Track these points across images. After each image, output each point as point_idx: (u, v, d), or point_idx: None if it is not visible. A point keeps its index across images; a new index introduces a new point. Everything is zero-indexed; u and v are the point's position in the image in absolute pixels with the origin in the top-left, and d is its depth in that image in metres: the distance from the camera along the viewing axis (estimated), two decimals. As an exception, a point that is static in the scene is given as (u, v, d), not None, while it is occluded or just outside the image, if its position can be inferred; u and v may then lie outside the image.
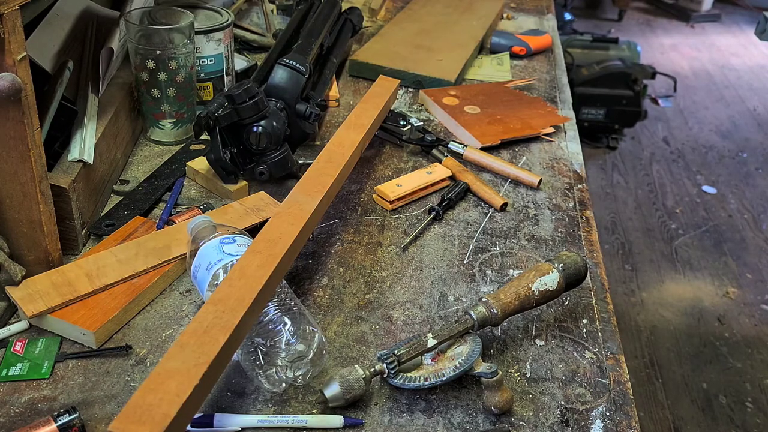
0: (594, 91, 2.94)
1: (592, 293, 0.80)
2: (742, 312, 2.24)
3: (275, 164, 0.89)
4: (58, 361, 0.65)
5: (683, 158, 3.17)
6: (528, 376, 0.68)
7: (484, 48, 1.44)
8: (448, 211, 0.92)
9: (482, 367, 0.63)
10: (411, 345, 0.65)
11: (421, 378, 0.63)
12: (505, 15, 1.66)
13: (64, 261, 0.76)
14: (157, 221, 0.83)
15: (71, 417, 0.57)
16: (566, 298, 0.79)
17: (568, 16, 3.73)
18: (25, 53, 0.63)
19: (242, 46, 1.31)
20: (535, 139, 1.10)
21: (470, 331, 0.68)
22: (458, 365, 0.63)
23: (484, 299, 0.69)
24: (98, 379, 0.64)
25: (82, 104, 0.85)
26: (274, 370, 0.62)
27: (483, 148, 1.04)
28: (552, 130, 1.12)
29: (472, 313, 0.67)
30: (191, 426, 0.60)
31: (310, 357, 0.63)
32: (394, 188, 0.92)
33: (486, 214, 0.92)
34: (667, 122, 3.50)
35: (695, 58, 4.34)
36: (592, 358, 0.71)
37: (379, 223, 0.89)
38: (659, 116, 3.55)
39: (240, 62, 1.19)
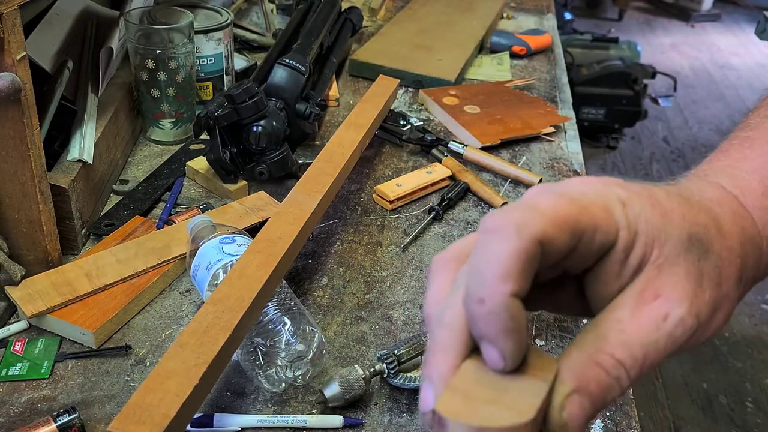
0: (594, 91, 2.94)
1: (592, 293, 0.79)
2: (742, 312, 2.23)
3: (275, 164, 0.89)
4: (58, 361, 0.65)
5: (683, 158, 3.17)
6: (528, 376, 0.68)
7: (484, 47, 1.44)
8: (448, 210, 0.92)
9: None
10: (411, 345, 0.65)
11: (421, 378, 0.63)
12: (505, 14, 1.65)
13: (64, 261, 0.76)
14: (156, 221, 0.83)
15: (71, 417, 0.57)
16: (566, 298, 0.78)
17: (568, 16, 3.73)
18: (24, 53, 0.63)
19: (242, 45, 1.31)
20: (535, 138, 1.10)
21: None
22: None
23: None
24: (98, 379, 0.64)
25: (82, 104, 0.85)
26: (273, 370, 0.62)
27: (483, 148, 1.04)
28: (552, 129, 1.12)
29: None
30: (191, 426, 0.60)
31: (309, 357, 0.63)
32: (394, 188, 0.92)
33: (486, 213, 0.92)
34: (667, 122, 3.50)
35: (695, 58, 4.34)
36: (592, 358, 0.71)
37: (379, 222, 0.89)
38: (659, 116, 3.55)
39: (240, 62, 1.19)
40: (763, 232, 0.35)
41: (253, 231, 0.81)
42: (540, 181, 0.97)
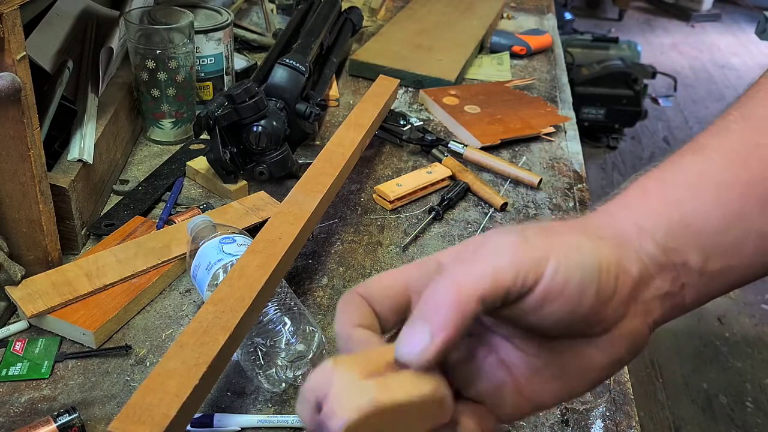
0: (594, 91, 2.94)
1: (593, 293, 0.79)
2: (742, 312, 2.23)
3: (275, 164, 0.89)
4: (58, 361, 0.65)
5: (683, 158, 3.16)
6: (528, 376, 0.68)
7: (484, 47, 1.44)
8: (448, 210, 0.92)
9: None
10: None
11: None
12: (505, 14, 1.65)
13: (64, 261, 0.76)
14: (156, 221, 0.83)
15: (71, 417, 0.57)
16: (566, 298, 0.78)
17: (568, 16, 3.73)
18: (24, 53, 0.63)
19: (242, 45, 1.31)
20: (535, 138, 1.10)
21: (470, 331, 0.68)
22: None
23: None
24: (98, 379, 0.64)
25: (82, 104, 0.85)
26: (274, 370, 0.62)
27: (483, 148, 1.04)
28: (552, 129, 1.12)
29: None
30: (191, 426, 0.60)
31: (310, 357, 0.63)
32: (394, 188, 0.92)
33: (486, 213, 0.92)
34: (667, 122, 3.51)
35: (695, 58, 4.34)
36: (592, 357, 0.71)
37: (379, 222, 0.89)
38: (659, 116, 3.55)
39: (240, 62, 1.19)
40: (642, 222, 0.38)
41: (253, 231, 0.81)
42: (540, 181, 0.97)
